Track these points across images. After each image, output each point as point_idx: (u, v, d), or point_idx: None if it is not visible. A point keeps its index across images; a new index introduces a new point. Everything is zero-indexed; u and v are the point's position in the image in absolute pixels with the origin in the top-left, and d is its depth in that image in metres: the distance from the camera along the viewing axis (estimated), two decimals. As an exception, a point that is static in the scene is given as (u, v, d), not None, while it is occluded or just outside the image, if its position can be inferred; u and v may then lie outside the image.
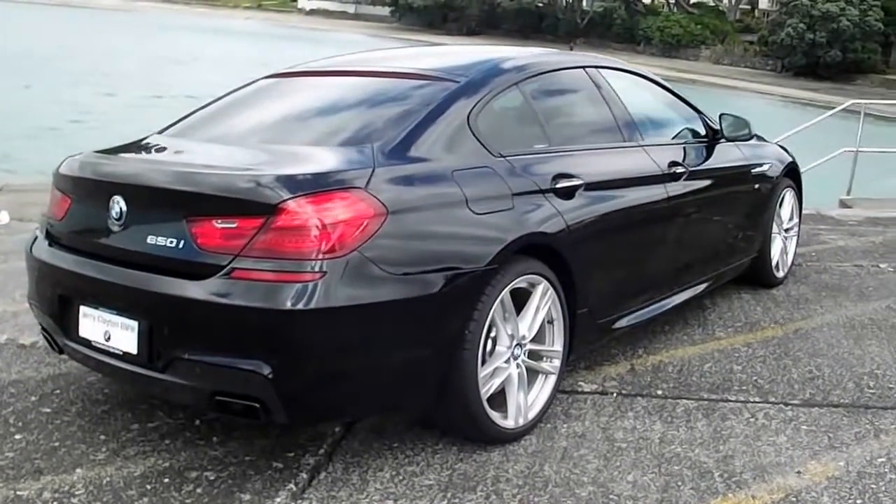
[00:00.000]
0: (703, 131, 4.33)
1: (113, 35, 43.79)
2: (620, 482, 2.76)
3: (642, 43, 57.69)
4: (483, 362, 2.81)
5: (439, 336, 2.69)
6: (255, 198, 2.47)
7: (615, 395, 3.46)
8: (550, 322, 3.10)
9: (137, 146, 3.26)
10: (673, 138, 4.14)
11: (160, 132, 3.45)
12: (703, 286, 4.23)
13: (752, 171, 4.63)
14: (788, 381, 3.62)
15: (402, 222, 2.58)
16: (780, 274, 5.10)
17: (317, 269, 2.42)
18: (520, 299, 2.96)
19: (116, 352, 2.73)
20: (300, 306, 2.39)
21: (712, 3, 65.58)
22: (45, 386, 3.47)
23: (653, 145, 3.85)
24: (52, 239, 3.04)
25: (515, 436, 2.99)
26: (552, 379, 3.14)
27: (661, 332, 4.18)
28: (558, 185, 3.12)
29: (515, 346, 2.96)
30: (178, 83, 25.59)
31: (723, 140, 4.34)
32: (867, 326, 4.35)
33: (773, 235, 4.92)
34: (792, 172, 5.11)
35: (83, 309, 2.84)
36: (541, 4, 66.29)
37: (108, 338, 2.75)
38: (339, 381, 2.55)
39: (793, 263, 5.31)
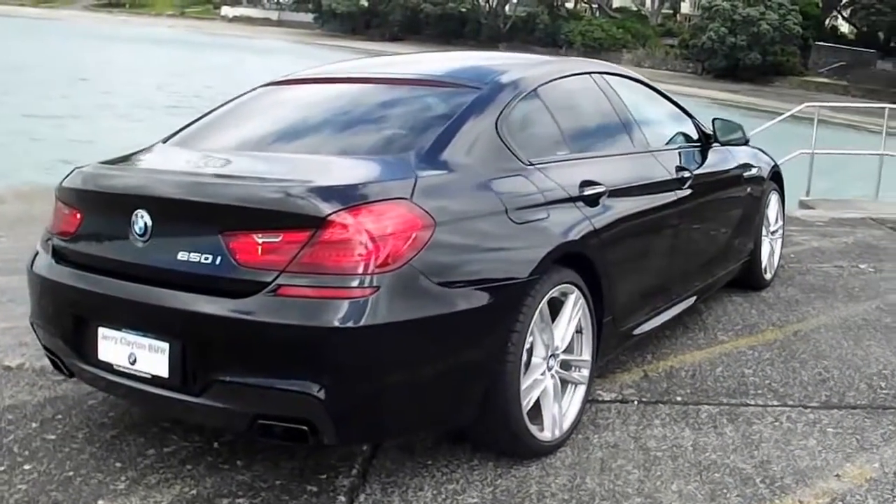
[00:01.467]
0: (696, 135, 4.35)
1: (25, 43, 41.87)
2: (665, 492, 2.72)
3: (564, 47, 58.29)
4: (522, 374, 2.75)
5: (485, 349, 2.62)
6: (301, 210, 2.36)
7: (636, 402, 3.43)
8: (580, 331, 3.06)
9: (148, 156, 3.11)
10: (674, 143, 4.14)
11: (165, 141, 3.31)
12: (708, 290, 4.25)
13: (745, 174, 4.67)
14: (801, 383, 3.65)
15: (449, 233, 2.50)
16: (769, 276, 5.16)
17: (370, 283, 2.32)
18: (552, 309, 2.91)
19: (143, 375, 2.58)
20: (355, 323, 2.29)
21: (635, 8, 66.59)
22: (43, 411, 3.29)
23: (660, 150, 3.86)
24: (60, 256, 2.87)
25: (551, 448, 2.93)
26: (581, 389, 3.10)
27: (664, 337, 4.18)
28: (586, 193, 3.08)
29: (550, 356, 2.91)
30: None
31: (716, 144, 4.37)
32: (863, 327, 4.42)
33: (762, 238, 4.98)
34: (776, 175, 5.18)
35: (102, 331, 2.68)
36: (463, 9, 66.64)
37: (134, 361, 2.60)
38: (390, 399, 2.45)
39: (778, 265, 5.39)
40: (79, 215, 2.83)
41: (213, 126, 3.30)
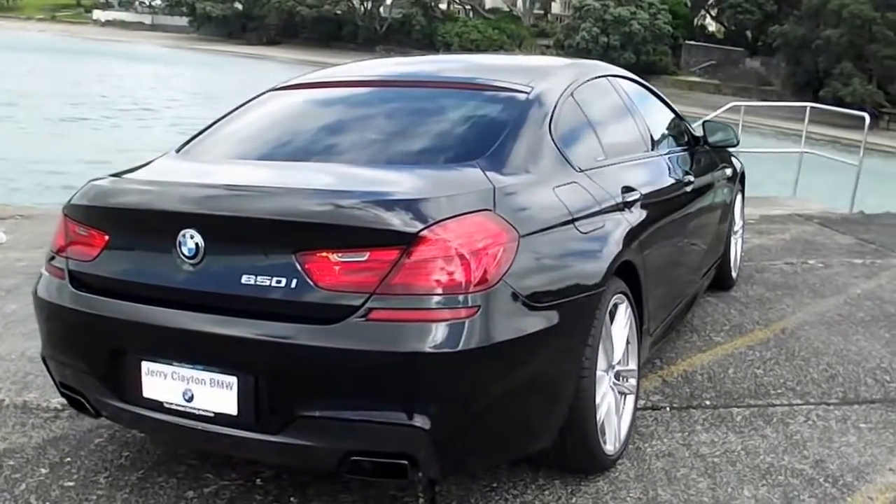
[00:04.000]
0: (686, 137, 4.40)
1: None
2: (741, 498, 2.71)
3: (441, 49, 58.83)
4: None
5: (569, 365, 2.53)
6: (390, 226, 2.18)
7: (668, 408, 3.42)
8: (628, 341, 3.02)
9: (173, 168, 2.84)
10: (675, 145, 4.16)
11: (178, 151, 3.04)
12: (699, 292, 4.31)
13: (724, 174, 4.77)
14: (813, 381, 3.73)
15: (531, 246, 2.39)
16: (735, 275, 5.29)
17: (471, 303, 2.18)
18: None
19: (204, 414, 2.34)
20: (460, 346, 2.14)
21: (507, 9, 67.57)
22: (47, 453, 2.97)
23: (669, 154, 3.87)
24: (80, 282, 2.57)
25: (613, 462, 2.87)
26: (631, 399, 3.05)
27: (663, 341, 4.20)
28: (628, 199, 3.04)
29: (609, 368, 2.85)
30: None
31: (705, 146, 4.44)
32: (842, 323, 4.58)
33: (732, 238, 5.10)
34: (742, 176, 5.32)
35: (147, 365, 2.41)
36: (339, 12, 66.38)
37: (190, 398, 2.35)
38: (490, 425, 2.32)
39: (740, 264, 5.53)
40: (103, 236, 2.54)
41: (238, 135, 3.06)
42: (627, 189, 3.09)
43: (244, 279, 2.28)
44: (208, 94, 31.93)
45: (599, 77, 3.56)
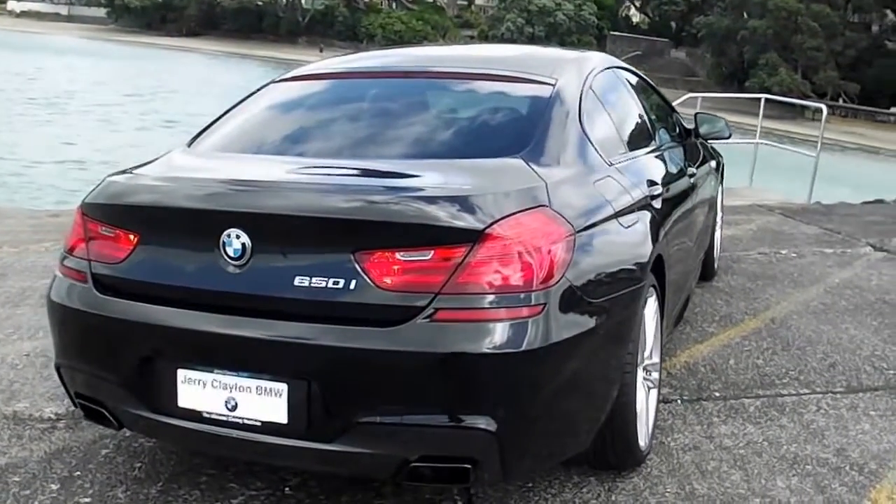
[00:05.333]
0: (678, 129, 4.42)
1: None
2: (775, 489, 2.72)
3: (365, 40, 58.51)
4: None
5: (617, 361, 2.50)
6: (455, 223, 2.10)
7: (679, 401, 3.43)
8: (654, 335, 3.00)
9: (195, 164, 2.69)
10: (674, 137, 4.16)
11: (191, 145, 2.89)
12: (696, 281, 4.35)
13: (711, 166, 4.81)
14: (814, 370, 3.79)
15: (584, 241, 2.34)
16: (716, 265, 5.36)
17: (537, 301, 2.12)
18: None
19: (251, 423, 2.23)
20: (529, 346, 2.08)
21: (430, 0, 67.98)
22: (54, 467, 2.81)
23: (671, 146, 3.88)
24: (105, 286, 2.42)
25: (644, 456, 2.85)
26: (654, 393, 3.04)
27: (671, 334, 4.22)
28: (654, 193, 3.03)
29: (641, 362, 2.83)
30: None
31: (697, 139, 4.47)
32: (828, 312, 4.67)
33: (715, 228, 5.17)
34: (722, 167, 5.38)
35: (184, 373, 2.29)
36: (260, 3, 65.63)
37: (234, 406, 2.24)
38: (553, 424, 2.27)
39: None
40: (133, 236, 2.40)
41: (259, 129, 2.93)
42: (651, 182, 3.08)
43: (297, 281, 2.16)
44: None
45: (608, 69, 3.53)
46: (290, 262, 2.20)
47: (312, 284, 2.15)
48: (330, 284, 2.14)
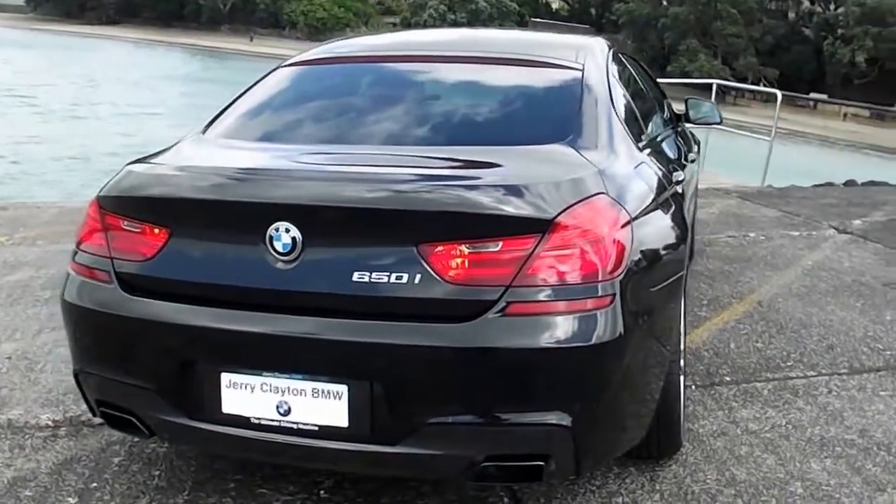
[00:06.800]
0: (668, 113, 4.41)
1: None
2: (812, 471, 2.74)
3: (287, 27, 57.69)
4: None
5: (670, 348, 2.47)
6: (525, 213, 2.02)
7: (693, 387, 3.43)
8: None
9: (220, 154, 2.53)
10: (671, 122, 4.15)
11: (205, 132, 2.71)
12: None
13: (696, 150, 4.83)
14: (815, 352, 3.84)
15: (639, 229, 2.28)
16: (694, 248, 5.40)
17: (606, 291, 2.05)
18: None
19: (307, 428, 2.11)
20: (603, 337, 2.02)
21: (352, -15, 67.30)
22: (66, 479, 2.64)
23: (673, 131, 3.87)
24: (133, 286, 2.25)
25: (681, 444, 2.84)
26: (681, 379, 3.03)
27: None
28: (678, 179, 3.00)
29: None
30: None
31: (688, 124, 4.48)
32: (811, 294, 4.75)
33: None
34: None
35: (229, 377, 2.15)
36: None
37: (286, 411, 2.11)
38: (620, 416, 2.22)
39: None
40: (162, 232, 2.23)
41: (286, 115, 2.79)
42: (675, 168, 3.05)
43: (356, 276, 2.04)
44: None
45: (616, 53, 3.49)
46: (347, 257, 2.07)
47: (372, 279, 2.03)
48: (392, 279, 2.03)
